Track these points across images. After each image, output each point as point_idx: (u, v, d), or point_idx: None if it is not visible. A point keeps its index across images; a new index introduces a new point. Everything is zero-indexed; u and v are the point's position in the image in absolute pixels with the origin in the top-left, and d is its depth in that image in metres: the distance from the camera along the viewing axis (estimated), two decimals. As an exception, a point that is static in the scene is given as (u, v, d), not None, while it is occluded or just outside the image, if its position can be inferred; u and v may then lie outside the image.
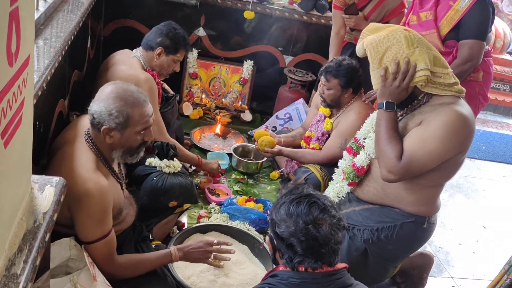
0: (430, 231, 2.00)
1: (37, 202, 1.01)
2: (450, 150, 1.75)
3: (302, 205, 1.36)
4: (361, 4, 3.03)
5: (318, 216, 1.35)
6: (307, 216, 1.34)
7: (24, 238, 0.92)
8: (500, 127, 5.22)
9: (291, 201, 1.39)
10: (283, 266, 1.40)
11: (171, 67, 2.56)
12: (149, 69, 2.48)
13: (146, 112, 1.67)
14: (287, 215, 1.37)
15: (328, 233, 1.33)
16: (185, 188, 2.20)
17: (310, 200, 1.37)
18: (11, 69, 0.78)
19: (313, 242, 1.33)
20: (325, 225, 1.34)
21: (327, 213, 1.36)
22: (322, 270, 1.33)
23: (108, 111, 1.60)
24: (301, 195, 1.40)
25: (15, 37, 0.78)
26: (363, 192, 2.04)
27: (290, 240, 1.35)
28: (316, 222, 1.34)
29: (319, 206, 1.36)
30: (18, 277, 0.85)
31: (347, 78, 2.62)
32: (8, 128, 0.80)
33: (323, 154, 2.72)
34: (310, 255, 1.34)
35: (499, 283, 1.97)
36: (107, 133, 1.62)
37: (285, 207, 1.39)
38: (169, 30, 2.50)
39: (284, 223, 1.37)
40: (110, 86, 1.67)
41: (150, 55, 2.50)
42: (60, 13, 2.27)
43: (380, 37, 1.82)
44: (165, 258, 1.81)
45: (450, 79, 1.80)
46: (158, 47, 2.47)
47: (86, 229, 1.59)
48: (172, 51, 2.51)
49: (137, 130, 1.66)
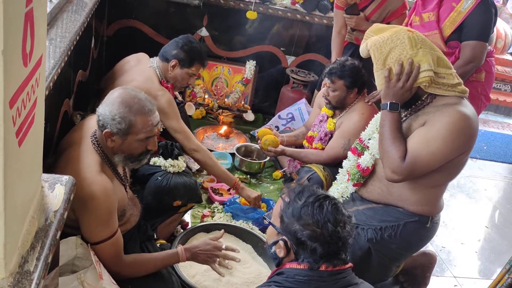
0: (433, 230, 2.02)
1: (48, 201, 1.02)
2: (454, 150, 1.76)
3: (326, 208, 1.32)
4: (363, 4, 3.04)
5: (341, 218, 1.32)
6: (334, 219, 1.30)
7: (36, 235, 0.93)
8: (501, 127, 5.23)
9: (312, 205, 1.33)
10: (289, 263, 1.38)
11: (185, 80, 2.53)
12: (164, 81, 2.47)
13: (151, 121, 1.66)
14: (312, 220, 1.31)
15: (349, 230, 1.33)
16: (190, 188, 2.21)
17: (331, 202, 1.34)
18: (26, 69, 0.80)
19: (338, 243, 1.30)
20: (347, 224, 1.33)
21: (342, 211, 1.35)
22: (329, 269, 1.33)
23: (112, 115, 1.60)
24: (319, 197, 1.35)
25: (30, 37, 0.79)
26: (367, 191, 2.05)
27: (314, 244, 1.30)
28: (342, 222, 1.32)
29: (338, 207, 1.34)
30: (31, 274, 0.86)
31: (352, 78, 2.63)
32: (22, 127, 0.81)
33: (326, 154, 2.74)
34: (331, 255, 1.31)
35: (500, 282, 1.99)
36: (108, 137, 1.62)
37: (307, 211, 1.33)
38: (185, 43, 2.48)
39: (308, 228, 1.31)
40: (119, 91, 1.67)
41: (165, 67, 2.47)
42: (64, 13, 2.28)
43: (384, 38, 1.83)
44: (172, 258, 1.81)
45: (454, 79, 1.81)
46: (173, 59, 2.45)
47: (92, 231, 1.60)
48: (187, 64, 2.48)
49: (139, 138, 1.65)
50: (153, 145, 1.72)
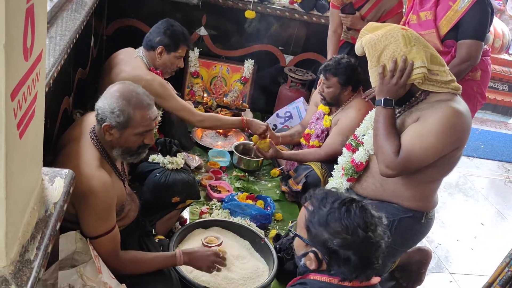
0: (428, 226, 2.04)
1: (48, 193, 1.05)
2: (447, 145, 1.78)
3: (353, 212, 1.25)
4: (358, 3, 3.07)
5: (370, 220, 1.25)
6: (364, 222, 1.24)
7: (36, 226, 0.96)
8: (498, 126, 5.26)
9: (339, 210, 1.27)
10: (314, 274, 1.31)
11: (174, 64, 2.57)
12: (152, 68, 2.51)
13: (149, 115, 1.68)
14: (341, 227, 1.24)
15: (381, 233, 1.26)
16: (188, 184, 2.23)
17: (357, 205, 1.27)
18: (26, 63, 0.82)
19: (371, 248, 1.24)
20: (378, 226, 1.26)
21: (371, 213, 1.28)
22: (355, 285, 1.25)
23: (111, 108, 1.62)
24: (345, 201, 1.28)
25: (30, 33, 0.82)
26: (362, 187, 2.08)
27: (347, 253, 1.24)
28: (373, 225, 1.25)
29: (366, 209, 1.27)
30: (32, 263, 0.89)
31: (346, 76, 2.66)
32: (23, 120, 0.84)
33: (324, 151, 2.76)
34: (365, 265, 1.25)
35: (500, 275, 2.00)
36: (107, 130, 1.65)
37: (334, 217, 1.26)
38: (167, 28, 2.50)
39: (338, 236, 1.24)
40: (118, 85, 1.70)
41: (152, 55, 2.51)
42: (64, 12, 2.31)
43: (378, 35, 1.86)
44: (170, 261, 1.85)
45: (447, 76, 1.84)
46: (159, 46, 2.48)
47: (91, 225, 1.63)
48: (173, 48, 2.51)
49: (137, 132, 1.67)
50: (150, 139, 1.74)
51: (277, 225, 2.72)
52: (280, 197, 2.96)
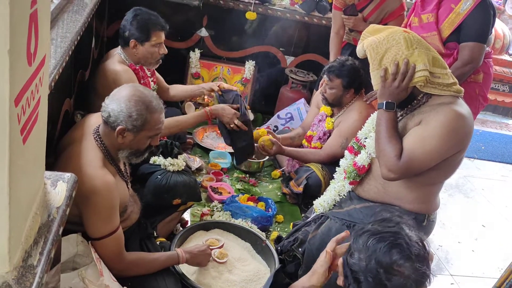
0: (429, 228, 2.04)
1: (50, 197, 1.05)
2: (449, 148, 1.78)
3: (383, 243, 1.18)
4: (361, 5, 3.07)
5: (396, 261, 1.16)
6: (383, 257, 1.17)
7: (39, 231, 0.96)
8: (499, 127, 5.26)
9: (374, 233, 1.22)
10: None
11: (155, 53, 2.43)
12: (131, 64, 2.43)
13: (161, 119, 1.72)
14: (363, 247, 1.21)
15: (400, 286, 1.15)
16: (189, 186, 2.23)
17: (395, 241, 1.18)
18: (30, 68, 0.82)
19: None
20: (400, 276, 1.15)
21: (410, 262, 1.16)
22: None
23: (129, 112, 1.62)
24: (389, 231, 1.21)
25: (34, 37, 0.81)
26: (364, 190, 2.07)
27: (358, 274, 1.21)
28: (392, 268, 1.16)
29: (403, 251, 1.16)
30: (35, 268, 0.88)
31: (349, 78, 2.66)
32: (27, 125, 0.84)
33: (324, 153, 2.76)
34: None
35: (508, 278, 2.00)
36: (120, 133, 1.65)
37: (366, 237, 1.23)
38: (132, 19, 2.39)
39: (357, 254, 1.23)
40: (129, 88, 1.69)
41: (129, 51, 2.42)
42: (65, 14, 2.30)
43: (380, 38, 1.86)
44: (172, 260, 1.89)
45: (449, 79, 1.84)
46: (130, 40, 2.38)
47: (94, 226, 1.63)
48: (145, 38, 2.38)
49: (150, 135, 1.71)
50: (157, 141, 1.78)
51: (278, 227, 2.72)
52: (281, 198, 2.96)
